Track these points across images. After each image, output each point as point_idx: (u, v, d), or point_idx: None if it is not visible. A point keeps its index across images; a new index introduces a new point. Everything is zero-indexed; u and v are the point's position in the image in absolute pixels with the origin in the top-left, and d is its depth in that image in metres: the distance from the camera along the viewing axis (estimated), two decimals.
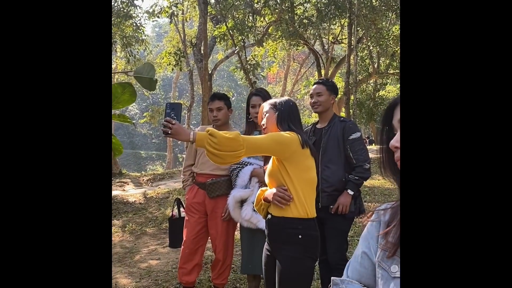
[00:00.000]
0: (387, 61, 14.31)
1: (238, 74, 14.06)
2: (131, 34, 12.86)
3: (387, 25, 12.71)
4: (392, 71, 14.42)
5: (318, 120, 2.62)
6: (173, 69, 12.27)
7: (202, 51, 9.96)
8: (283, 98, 1.92)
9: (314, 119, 13.26)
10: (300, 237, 1.71)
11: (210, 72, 10.49)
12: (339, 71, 15.56)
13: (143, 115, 21.75)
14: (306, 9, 11.53)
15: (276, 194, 1.74)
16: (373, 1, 10.78)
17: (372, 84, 16.69)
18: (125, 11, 11.61)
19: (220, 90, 26.02)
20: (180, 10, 13.03)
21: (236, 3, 10.14)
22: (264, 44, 12.09)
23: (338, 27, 13.75)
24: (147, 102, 30.44)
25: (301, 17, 11.27)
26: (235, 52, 11.19)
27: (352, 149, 2.38)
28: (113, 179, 8.98)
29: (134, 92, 1.45)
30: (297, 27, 11.00)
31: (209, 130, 1.55)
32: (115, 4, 11.43)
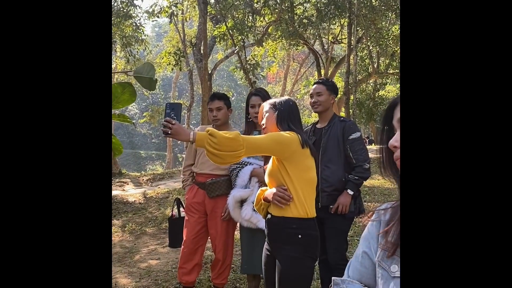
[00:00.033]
0: (387, 61, 14.30)
1: (238, 74, 14.06)
2: (130, 34, 12.86)
3: (387, 25, 12.70)
4: (391, 71, 14.42)
5: (318, 120, 2.62)
6: (172, 69, 12.28)
7: (202, 51, 9.97)
8: (283, 97, 1.92)
9: (314, 119, 13.29)
10: (300, 236, 1.72)
11: (209, 72, 10.48)
12: (338, 71, 15.55)
13: (143, 115, 21.76)
14: (305, 9, 11.52)
15: (276, 194, 1.74)
16: (373, 1, 10.77)
17: (371, 84, 16.68)
18: (124, 11, 11.61)
19: (220, 90, 26.02)
20: (179, 10, 13.03)
21: (235, 3, 10.14)
22: (263, 44, 12.09)
23: (337, 27, 13.74)
24: (146, 102, 30.41)
25: (301, 17, 11.27)
26: (235, 52, 11.19)
27: (352, 149, 2.38)
28: (112, 179, 8.98)
29: (134, 92, 1.45)
30: (297, 27, 10.99)
31: (209, 130, 1.55)
32: (115, 4, 11.43)
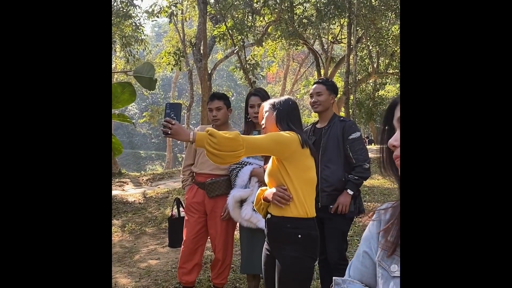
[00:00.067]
0: (387, 61, 14.30)
1: (238, 74, 14.06)
2: (130, 33, 12.87)
3: (387, 24, 12.70)
4: (391, 71, 14.42)
5: (318, 120, 2.62)
6: (172, 68, 12.27)
7: (202, 51, 9.97)
8: (283, 97, 1.91)
9: (314, 118, 13.27)
10: (300, 236, 1.71)
11: (209, 72, 10.48)
12: (338, 70, 15.55)
13: (143, 114, 21.76)
14: (305, 8, 11.53)
15: (275, 193, 1.74)
16: (373, 0, 10.78)
17: (371, 84, 16.68)
18: (124, 10, 11.61)
19: (220, 89, 26.01)
20: (179, 9, 13.03)
21: (235, 3, 10.14)
22: (263, 43, 12.09)
23: (337, 26, 13.74)
24: (146, 101, 30.40)
25: (301, 16, 11.27)
26: (235, 52, 11.19)
27: (352, 148, 2.38)
28: (112, 179, 8.97)
29: (133, 91, 1.45)
30: (297, 26, 10.99)
31: (209, 130, 1.54)
32: (115, 4, 11.43)
